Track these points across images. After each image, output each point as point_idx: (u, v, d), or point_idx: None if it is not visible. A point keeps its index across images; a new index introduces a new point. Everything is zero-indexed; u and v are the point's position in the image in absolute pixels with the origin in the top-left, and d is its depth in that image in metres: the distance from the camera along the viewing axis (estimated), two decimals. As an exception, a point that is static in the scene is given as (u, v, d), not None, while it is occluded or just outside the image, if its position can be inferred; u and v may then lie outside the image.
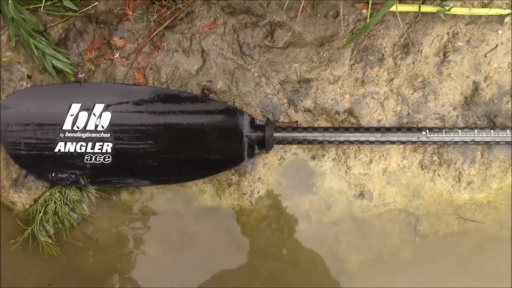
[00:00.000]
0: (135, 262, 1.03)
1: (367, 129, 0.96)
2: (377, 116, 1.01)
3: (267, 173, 1.02)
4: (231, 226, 1.03)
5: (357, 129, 0.96)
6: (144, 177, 0.99)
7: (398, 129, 0.96)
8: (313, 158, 1.02)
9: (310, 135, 0.95)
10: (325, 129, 0.96)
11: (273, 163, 1.02)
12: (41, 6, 0.96)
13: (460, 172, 1.00)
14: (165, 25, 1.01)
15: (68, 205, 1.01)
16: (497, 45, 1.01)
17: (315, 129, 0.96)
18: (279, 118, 1.02)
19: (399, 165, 1.02)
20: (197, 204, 1.03)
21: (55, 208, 1.00)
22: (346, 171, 1.02)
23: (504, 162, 1.00)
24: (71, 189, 1.01)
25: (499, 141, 0.95)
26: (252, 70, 1.01)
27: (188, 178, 1.00)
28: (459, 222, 1.01)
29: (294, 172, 1.03)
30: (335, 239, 1.03)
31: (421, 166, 1.01)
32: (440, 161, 1.01)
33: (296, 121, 1.01)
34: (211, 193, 1.02)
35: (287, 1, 0.98)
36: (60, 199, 1.01)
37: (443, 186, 1.01)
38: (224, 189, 1.02)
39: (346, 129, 0.96)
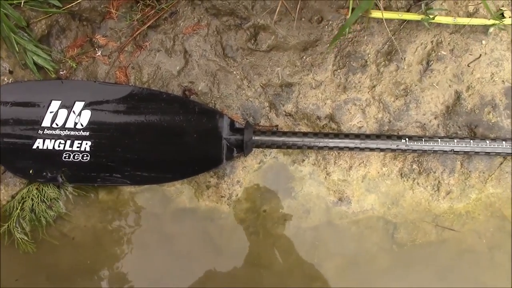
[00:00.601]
0: (111, 262, 1.03)
1: (347, 136, 0.95)
2: (358, 123, 1.00)
3: (246, 176, 1.01)
4: (209, 228, 1.03)
5: (337, 135, 0.95)
6: (122, 177, 0.99)
7: (378, 136, 0.95)
8: (293, 162, 1.02)
9: (289, 140, 0.95)
10: (305, 134, 0.95)
11: (253, 166, 1.02)
12: (23, 1, 0.95)
13: (439, 181, 1.00)
14: (148, 24, 1.01)
15: (46, 203, 1.00)
16: (480, 55, 1.00)
17: (294, 133, 0.96)
18: (260, 122, 1.01)
19: (378, 173, 1.01)
20: (175, 205, 1.03)
21: (32, 205, 0.99)
22: (325, 177, 1.02)
23: (483, 172, 0.99)
24: (49, 187, 1.00)
25: (478, 152, 0.94)
26: (234, 72, 1.01)
27: (166, 179, 1.00)
28: (437, 231, 1.01)
29: (274, 176, 1.02)
30: (312, 245, 1.02)
31: (401, 174, 1.01)
32: (420, 170, 1.00)
33: (276, 125, 1.00)
34: (190, 195, 1.02)
35: (278, 8, 0.97)
36: (38, 196, 1.00)
37: (422, 194, 1.01)
38: (202, 191, 1.01)
39: (326, 135, 0.95)
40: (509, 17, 1.01)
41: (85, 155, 0.96)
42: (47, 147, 0.95)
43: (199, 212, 1.02)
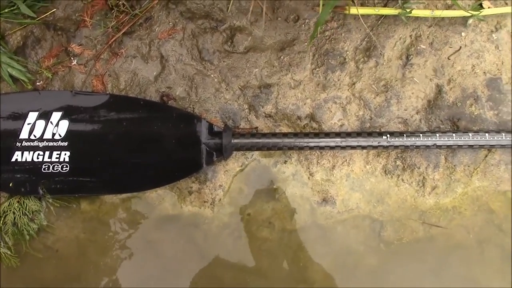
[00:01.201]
0: (96, 272, 1.01)
1: (327, 134, 0.94)
2: (339, 121, 0.99)
3: (228, 180, 1.00)
4: (193, 234, 1.02)
5: (317, 134, 0.94)
6: (103, 186, 0.98)
7: (359, 134, 0.94)
8: (276, 164, 1.01)
9: (269, 141, 0.94)
10: (284, 135, 0.94)
11: (235, 170, 1.00)
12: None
13: (424, 177, 0.98)
14: (123, 31, 1.00)
15: (27, 216, 0.99)
16: (460, 47, 0.99)
17: (274, 135, 0.94)
18: (240, 124, 1.00)
19: (362, 171, 1.00)
20: (158, 212, 1.01)
21: (14, 218, 0.98)
22: (308, 177, 1.00)
23: (468, 166, 0.98)
24: (30, 199, 0.99)
25: (461, 145, 0.93)
26: (212, 75, 0.99)
27: (147, 186, 0.98)
28: (424, 228, 0.99)
29: (256, 178, 1.01)
30: (298, 247, 1.00)
31: (385, 171, 1.00)
32: (404, 166, 0.99)
33: (256, 127, 0.99)
34: (172, 201, 1.01)
35: (251, 8, 0.96)
36: (19, 209, 0.99)
37: (407, 191, 0.99)
38: (184, 197, 1.00)
39: (306, 135, 0.94)
40: (488, 8, 0.99)
41: (64, 166, 0.95)
42: (26, 159, 0.94)
43: (182, 218, 1.01)
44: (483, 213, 0.99)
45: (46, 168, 0.95)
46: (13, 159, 0.95)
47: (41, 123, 0.95)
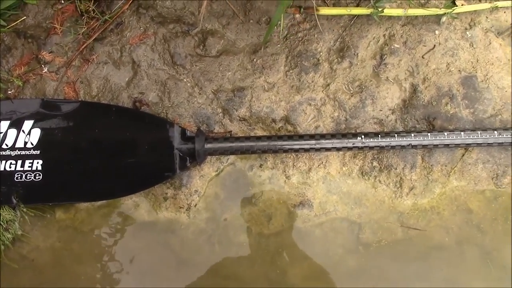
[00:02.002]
0: (72, 282, 1.00)
1: (301, 137, 0.93)
2: (314, 123, 0.98)
3: (204, 185, 0.99)
4: (170, 241, 1.00)
5: (291, 137, 0.93)
6: (77, 194, 0.97)
7: (333, 135, 0.93)
8: (251, 168, 0.99)
9: (242, 145, 0.92)
10: (258, 138, 0.93)
11: (210, 174, 0.99)
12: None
13: (401, 178, 0.97)
14: (94, 37, 0.99)
15: (2, 225, 0.98)
16: (434, 45, 0.98)
17: (247, 138, 0.93)
18: (214, 129, 0.99)
19: (339, 173, 0.99)
20: (133, 219, 1.00)
21: (-12, 228, 0.97)
22: (285, 180, 0.99)
23: (445, 165, 0.97)
24: (4, 208, 0.97)
25: (437, 145, 0.91)
26: (185, 80, 0.98)
27: (121, 193, 0.97)
28: (402, 230, 0.98)
29: (232, 183, 1.00)
30: (276, 251, 0.99)
31: (362, 172, 0.98)
32: (381, 167, 0.98)
33: (230, 131, 0.98)
34: (148, 208, 0.99)
35: (203, 7, 0.94)
36: (-7, 219, 0.97)
37: (384, 192, 0.98)
38: (160, 203, 0.99)
39: (280, 138, 0.93)
40: (462, 5, 0.98)
41: (37, 174, 0.94)
42: (-2, 169, 0.93)
43: (158, 224, 1.00)
44: (461, 213, 0.98)
45: (19, 177, 0.94)
46: (-15, 169, 0.93)
47: (12, 132, 0.94)
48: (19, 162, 0.94)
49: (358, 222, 0.99)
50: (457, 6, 0.98)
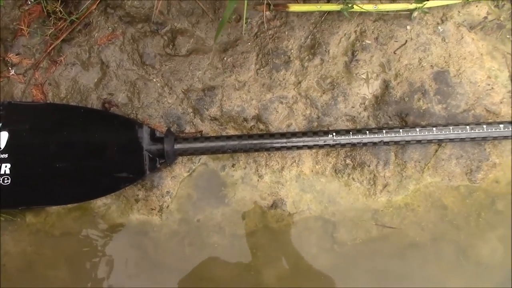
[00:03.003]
0: (44, 286, 0.98)
1: (272, 135, 0.92)
2: (286, 121, 0.96)
3: (175, 186, 0.97)
4: (142, 243, 0.99)
5: (261, 136, 0.92)
6: (47, 197, 0.95)
7: (304, 133, 0.91)
8: (224, 168, 0.98)
9: (212, 145, 0.91)
10: (228, 138, 0.92)
11: (182, 175, 0.98)
12: None
13: (374, 175, 0.96)
14: (62, 38, 0.97)
15: (-29, 231, 0.96)
16: (406, 41, 0.97)
17: (217, 138, 0.92)
18: (185, 129, 0.97)
19: (312, 171, 0.97)
20: (105, 222, 0.99)
21: (-43, 234, 0.95)
22: (258, 180, 0.98)
23: (419, 162, 0.96)
24: (-27, 214, 0.96)
25: (409, 141, 0.90)
26: (154, 80, 0.97)
27: (91, 196, 0.96)
28: (377, 227, 0.97)
29: (205, 183, 0.99)
30: (250, 251, 0.98)
31: (335, 170, 0.97)
32: (354, 165, 0.96)
33: (201, 131, 0.97)
34: (119, 210, 0.98)
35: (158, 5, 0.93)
36: (-38, 224, 0.96)
37: (358, 190, 0.97)
38: (131, 205, 0.97)
39: (250, 137, 0.92)
40: (433, -1, 0.97)
41: (5, 179, 0.92)
42: (-35, 174, 0.91)
43: (130, 227, 0.99)
44: (436, 209, 0.97)
45: (-13, 182, 0.92)
46: (-47, 174, 0.91)
47: (-20, 136, 0.92)
48: (-13, 166, 0.92)
49: (333, 220, 0.98)
50: (428, 0, 0.96)
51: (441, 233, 0.97)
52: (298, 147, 0.92)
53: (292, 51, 0.98)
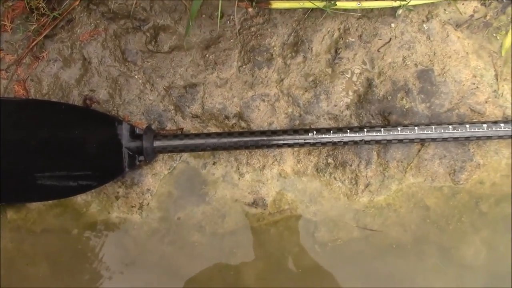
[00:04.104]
0: (25, 283, 0.98)
1: (252, 133, 0.91)
2: (268, 119, 0.95)
3: (156, 183, 0.97)
4: (123, 241, 0.98)
5: (241, 133, 0.91)
6: (27, 193, 0.95)
7: (285, 131, 0.91)
8: (205, 166, 0.97)
9: (192, 142, 0.91)
10: (208, 135, 0.91)
11: (163, 173, 0.97)
12: None
13: (356, 175, 0.95)
14: (44, 34, 0.97)
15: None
16: (390, 39, 0.96)
17: (197, 135, 0.91)
18: (167, 126, 0.97)
19: (293, 170, 0.96)
20: (86, 219, 0.98)
21: None
22: (239, 178, 0.97)
23: (401, 162, 0.94)
24: (-46, 209, 0.96)
25: (391, 140, 0.89)
26: (136, 77, 0.96)
27: (71, 193, 0.96)
28: (359, 228, 0.95)
29: (186, 181, 0.98)
30: (230, 251, 0.97)
31: (317, 169, 0.96)
32: (336, 164, 0.95)
33: (181, 129, 0.96)
34: (100, 207, 0.98)
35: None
36: None
37: (340, 189, 0.96)
38: (112, 202, 0.97)
39: (230, 134, 0.91)
40: (418, -3, 0.96)
41: (-15, 175, 0.92)
42: None
43: (111, 224, 0.98)
44: (419, 210, 0.95)
45: (-34, 178, 0.92)
46: None
47: (-41, 132, 0.93)
48: (-34, 162, 0.92)
49: (314, 220, 0.97)
50: (413, -2, 0.95)
51: (424, 234, 0.96)
52: (279, 146, 0.91)
53: (274, 48, 0.97)
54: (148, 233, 0.98)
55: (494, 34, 0.97)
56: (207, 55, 0.97)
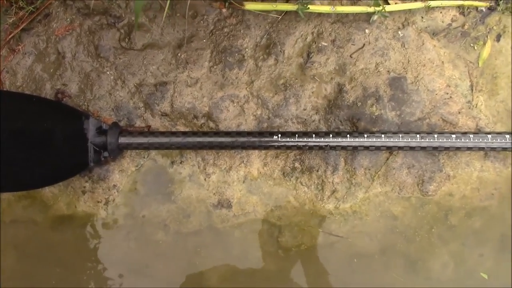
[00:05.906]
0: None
1: (216, 133, 0.90)
2: (236, 120, 0.95)
3: (123, 180, 0.97)
4: (88, 235, 0.99)
5: (206, 133, 0.91)
6: (-4, 184, 0.95)
7: (250, 133, 0.90)
8: (172, 164, 0.97)
9: (157, 140, 0.90)
10: (173, 134, 0.91)
11: (130, 169, 0.97)
12: None
13: (323, 180, 0.93)
14: (21, 27, 0.98)
15: None
16: (364, 44, 0.94)
17: (162, 133, 0.91)
18: (136, 123, 0.97)
19: (260, 172, 0.95)
20: (53, 212, 0.99)
21: None
22: (205, 178, 0.96)
23: (369, 169, 0.92)
24: None
25: (356, 146, 0.88)
26: (108, 73, 0.97)
27: (37, 184, 0.96)
28: (324, 234, 0.94)
29: (152, 179, 0.98)
30: (194, 251, 0.96)
31: (283, 173, 0.95)
32: (302, 168, 0.94)
33: (149, 126, 0.96)
34: (67, 201, 0.98)
35: None
36: None
37: (306, 195, 0.94)
38: (78, 196, 0.97)
39: (194, 134, 0.91)
40: (395, 3, 0.95)
41: (-44, 164, 0.93)
42: None
43: (77, 219, 0.99)
44: (385, 219, 0.93)
45: None
46: None
47: None
48: None
49: (278, 224, 0.96)
50: (388, 4, 0.93)
51: (391, 244, 0.94)
52: (243, 147, 0.91)
53: (247, 50, 0.96)
54: (112, 229, 0.98)
55: (472, 44, 0.95)
56: (179, 54, 0.97)
